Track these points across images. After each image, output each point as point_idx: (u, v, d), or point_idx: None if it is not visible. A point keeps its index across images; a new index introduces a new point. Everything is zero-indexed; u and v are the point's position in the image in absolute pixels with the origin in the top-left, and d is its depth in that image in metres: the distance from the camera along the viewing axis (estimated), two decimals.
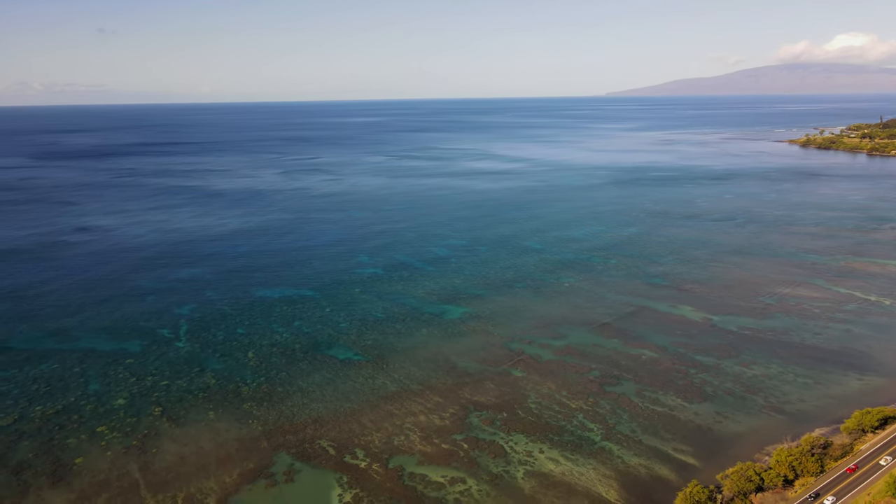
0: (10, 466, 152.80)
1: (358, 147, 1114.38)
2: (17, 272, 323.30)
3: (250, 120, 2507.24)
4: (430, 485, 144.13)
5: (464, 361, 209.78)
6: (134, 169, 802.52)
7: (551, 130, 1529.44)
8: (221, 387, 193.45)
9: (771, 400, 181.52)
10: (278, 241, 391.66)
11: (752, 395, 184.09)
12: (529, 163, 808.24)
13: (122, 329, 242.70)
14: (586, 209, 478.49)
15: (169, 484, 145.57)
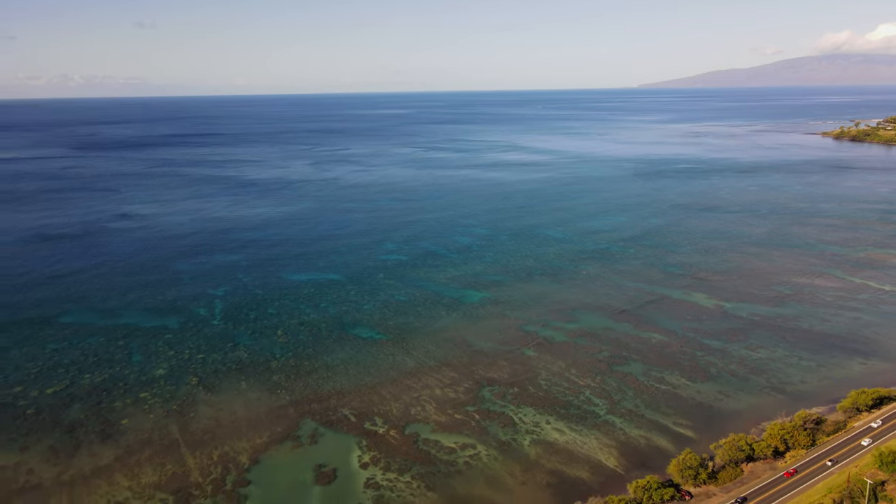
0: (64, 426, 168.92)
1: (386, 139, 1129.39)
2: (66, 256, 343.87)
3: (283, 112, 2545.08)
4: (442, 449, 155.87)
5: (480, 342, 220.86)
6: (170, 159, 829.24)
7: (579, 123, 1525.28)
8: (253, 360, 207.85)
9: (773, 381, 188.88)
10: (308, 228, 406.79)
11: (754, 377, 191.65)
12: (555, 154, 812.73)
13: (161, 308, 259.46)
14: (609, 200, 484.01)
15: (205, 443, 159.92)
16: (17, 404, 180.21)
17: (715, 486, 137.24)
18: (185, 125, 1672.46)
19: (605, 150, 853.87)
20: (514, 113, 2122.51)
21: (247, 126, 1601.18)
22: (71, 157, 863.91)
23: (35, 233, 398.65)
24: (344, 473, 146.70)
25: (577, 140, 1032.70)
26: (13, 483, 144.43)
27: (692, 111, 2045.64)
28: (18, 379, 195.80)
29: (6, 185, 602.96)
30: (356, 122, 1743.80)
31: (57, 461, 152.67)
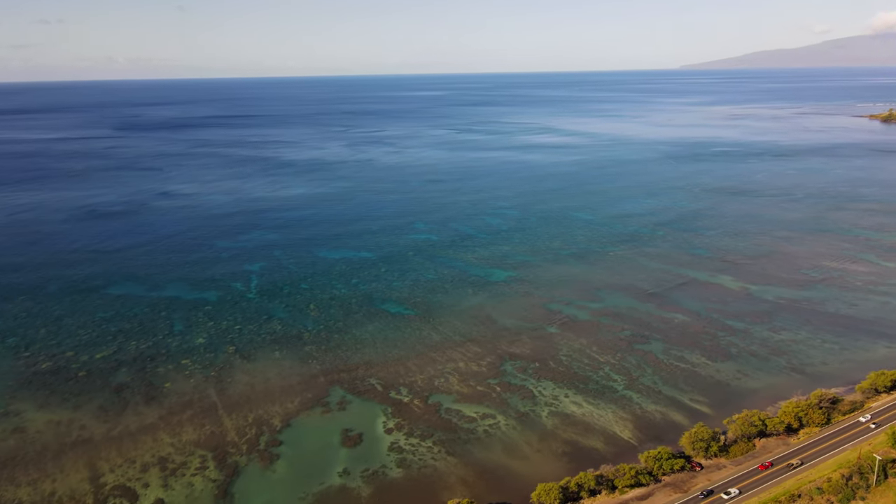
0: (111, 387, 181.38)
1: (421, 120, 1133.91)
2: (113, 231, 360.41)
3: (319, 94, 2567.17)
4: (463, 418, 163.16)
5: (504, 319, 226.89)
6: (210, 140, 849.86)
7: (615, 105, 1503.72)
8: (286, 332, 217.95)
9: (793, 362, 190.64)
10: (341, 208, 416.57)
11: (775, 357, 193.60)
12: (589, 137, 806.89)
13: (201, 282, 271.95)
14: (641, 184, 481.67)
15: (241, 406, 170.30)
16: (70, 367, 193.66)
17: (726, 459, 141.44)
18: (225, 107, 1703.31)
19: (640, 133, 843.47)
20: (551, 95, 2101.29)
21: (285, 108, 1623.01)
22: (116, 138, 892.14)
23: (84, 209, 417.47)
24: (369, 438, 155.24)
25: (612, 122, 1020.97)
26: (67, 437, 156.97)
27: (734, 93, 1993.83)
28: (71, 344, 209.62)
29: (57, 164, 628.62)
30: (393, 103, 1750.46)
31: (106, 419, 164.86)
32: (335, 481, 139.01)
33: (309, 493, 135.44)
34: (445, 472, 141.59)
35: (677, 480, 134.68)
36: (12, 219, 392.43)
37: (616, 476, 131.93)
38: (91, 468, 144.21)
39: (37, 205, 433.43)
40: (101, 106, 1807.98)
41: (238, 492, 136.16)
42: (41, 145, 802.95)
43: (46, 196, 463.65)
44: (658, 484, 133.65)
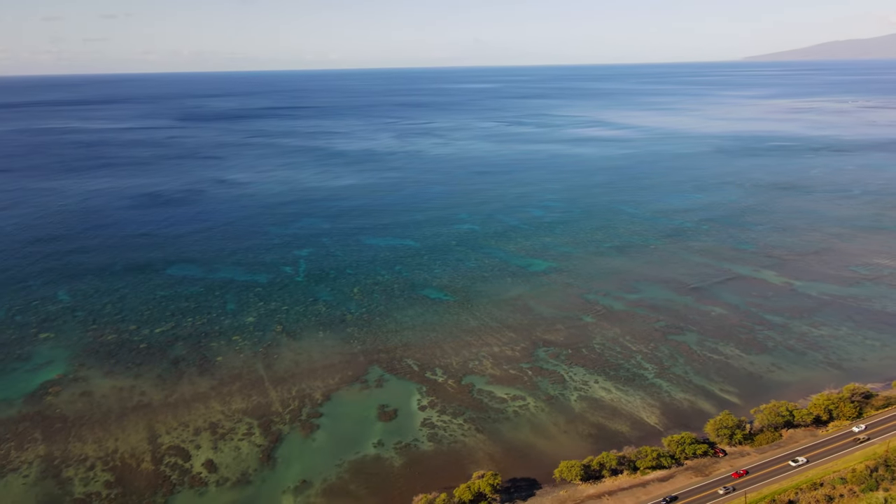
0: (169, 359, 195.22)
1: (470, 112, 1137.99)
2: (173, 217, 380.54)
3: (372, 86, 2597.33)
4: (494, 399, 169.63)
5: (540, 307, 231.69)
6: (265, 130, 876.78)
7: (670, 98, 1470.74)
8: (330, 313, 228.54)
9: (831, 357, 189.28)
10: (388, 197, 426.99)
11: (812, 352, 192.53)
12: (640, 130, 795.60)
13: (253, 264, 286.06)
14: (689, 178, 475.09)
15: (286, 380, 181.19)
16: (133, 340, 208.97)
17: (751, 447, 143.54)
18: (281, 98, 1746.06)
19: (693, 127, 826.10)
20: (604, 88, 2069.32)
21: (337, 99, 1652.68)
22: (177, 128, 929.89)
23: (148, 195, 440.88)
24: (404, 413, 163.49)
25: (666, 116, 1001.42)
26: (129, 401, 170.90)
27: (798, 85, 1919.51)
28: (133, 319, 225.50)
29: (123, 152, 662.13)
30: (442, 95, 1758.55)
31: (164, 387, 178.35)
32: (370, 451, 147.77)
33: (345, 460, 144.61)
34: (474, 448, 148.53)
35: (699, 465, 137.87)
36: (84, 204, 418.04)
37: (638, 457, 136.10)
38: (149, 430, 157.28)
39: (105, 191, 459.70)
40: (164, 97, 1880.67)
41: (280, 457, 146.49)
42: (108, 135, 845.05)
43: (114, 183, 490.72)
44: (680, 467, 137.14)
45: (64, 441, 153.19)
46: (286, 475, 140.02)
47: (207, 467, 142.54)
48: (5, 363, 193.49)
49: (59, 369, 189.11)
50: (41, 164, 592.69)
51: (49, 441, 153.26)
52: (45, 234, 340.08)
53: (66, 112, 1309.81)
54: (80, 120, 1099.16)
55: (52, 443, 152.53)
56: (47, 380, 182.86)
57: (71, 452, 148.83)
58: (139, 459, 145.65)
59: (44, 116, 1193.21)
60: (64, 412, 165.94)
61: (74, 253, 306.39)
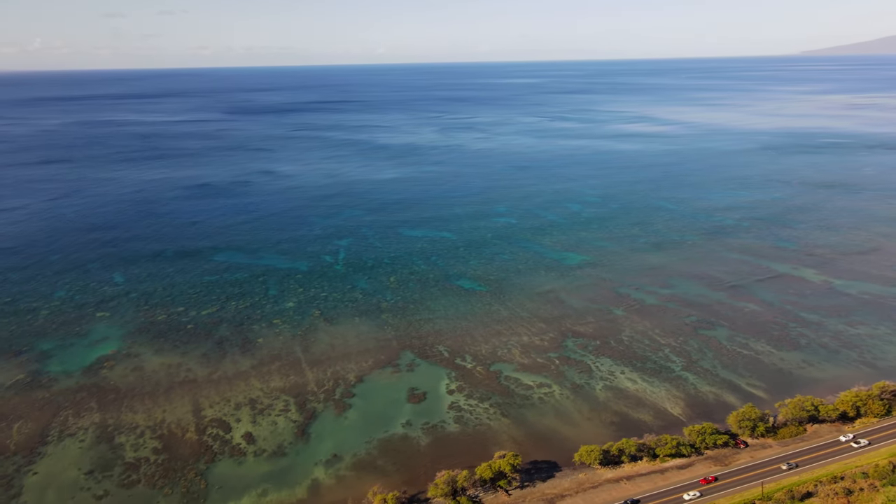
0: (214, 339, 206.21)
1: (513, 108, 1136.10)
2: (222, 206, 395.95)
3: (418, 80, 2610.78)
4: (521, 385, 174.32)
5: (572, 299, 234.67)
6: (311, 123, 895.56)
7: (720, 93, 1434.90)
8: (366, 301, 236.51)
9: (865, 356, 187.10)
10: (427, 190, 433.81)
11: (846, 350, 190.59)
12: (686, 126, 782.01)
13: (294, 252, 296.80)
14: (733, 175, 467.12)
15: (322, 362, 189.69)
16: (181, 321, 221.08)
17: (773, 440, 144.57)
18: (327, 92, 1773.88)
19: (742, 123, 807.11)
20: (652, 83, 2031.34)
21: (382, 94, 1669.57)
22: (227, 121, 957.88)
23: (198, 185, 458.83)
24: (432, 396, 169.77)
25: (714, 111, 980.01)
26: (176, 377, 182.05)
27: (857, 80, 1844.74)
28: (182, 302, 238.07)
29: (175, 144, 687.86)
30: (486, 90, 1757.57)
31: (208, 364, 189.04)
32: (398, 431, 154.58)
33: (374, 438, 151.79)
34: (498, 431, 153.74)
35: (719, 455, 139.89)
36: (138, 193, 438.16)
37: (658, 445, 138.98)
38: (194, 403, 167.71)
39: (159, 181, 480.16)
40: (216, 91, 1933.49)
41: (314, 432, 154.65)
42: (162, 127, 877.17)
43: (166, 173, 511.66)
44: (700, 456, 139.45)
45: (116, 410, 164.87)
46: (318, 449, 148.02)
47: (246, 439, 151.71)
48: (66, 339, 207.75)
49: (114, 346, 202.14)
50: (100, 154, 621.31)
51: (103, 410, 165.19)
52: (103, 222, 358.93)
53: (123, 105, 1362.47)
54: (137, 113, 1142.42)
55: (105, 412, 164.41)
56: (103, 355, 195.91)
57: (123, 421, 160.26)
58: (184, 429, 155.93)
59: (103, 109, 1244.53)
60: (117, 384, 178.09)
61: (129, 239, 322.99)
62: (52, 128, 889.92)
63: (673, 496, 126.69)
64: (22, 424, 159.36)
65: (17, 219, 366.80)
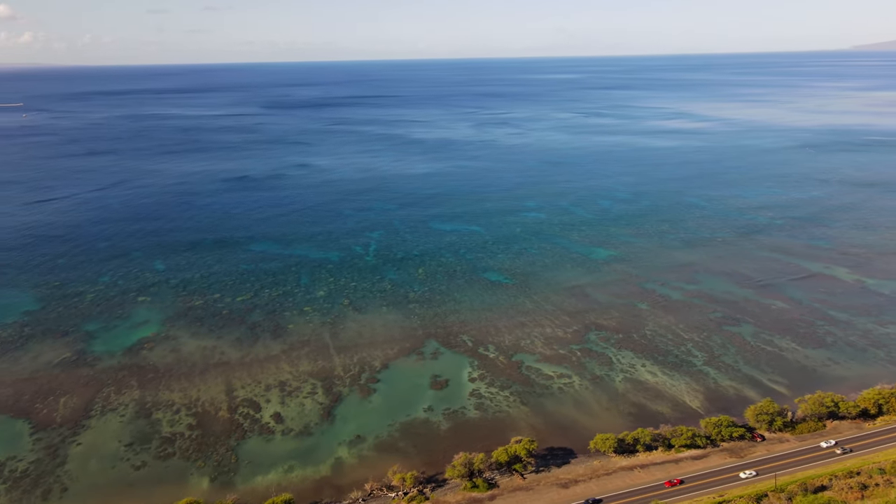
0: (248, 324, 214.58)
1: (548, 103, 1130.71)
2: (258, 197, 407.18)
3: (454, 76, 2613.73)
4: (541, 375, 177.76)
5: (597, 293, 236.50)
6: (347, 118, 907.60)
7: (763, 89, 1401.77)
8: (394, 291, 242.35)
9: (894, 355, 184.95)
10: (459, 184, 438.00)
11: (874, 349, 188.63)
12: (725, 123, 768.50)
13: (327, 243, 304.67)
14: (769, 172, 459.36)
15: (349, 349, 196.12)
16: (216, 306, 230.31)
17: (791, 434, 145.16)
18: (364, 87, 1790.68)
19: (783, 120, 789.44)
20: (693, 78, 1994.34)
21: (418, 89, 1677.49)
22: (266, 115, 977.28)
23: (236, 178, 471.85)
24: (454, 384, 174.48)
25: (755, 108, 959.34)
26: (211, 359, 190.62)
27: None
28: (218, 289, 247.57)
29: (215, 137, 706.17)
30: (522, 86, 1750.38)
31: (241, 348, 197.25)
32: (420, 415, 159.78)
33: (396, 421, 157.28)
34: (517, 418, 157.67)
35: (735, 447, 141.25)
36: (180, 185, 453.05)
37: (673, 435, 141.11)
38: (227, 384, 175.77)
39: (199, 173, 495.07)
40: (256, 86, 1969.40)
41: (339, 414, 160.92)
42: (203, 121, 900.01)
43: (206, 166, 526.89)
44: (715, 448, 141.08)
45: (155, 389, 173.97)
46: (343, 430, 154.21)
47: (275, 419, 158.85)
48: (109, 321, 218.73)
49: (154, 328, 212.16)
50: (143, 147, 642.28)
51: (142, 388, 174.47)
52: (146, 212, 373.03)
53: (166, 99, 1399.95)
54: (179, 107, 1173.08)
55: (145, 389, 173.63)
56: (143, 337, 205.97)
57: (160, 398, 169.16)
58: (217, 408, 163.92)
59: (147, 103, 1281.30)
60: (156, 364, 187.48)
61: (171, 229, 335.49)
62: (98, 121, 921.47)
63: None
64: (68, 399, 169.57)
65: (66, 208, 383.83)
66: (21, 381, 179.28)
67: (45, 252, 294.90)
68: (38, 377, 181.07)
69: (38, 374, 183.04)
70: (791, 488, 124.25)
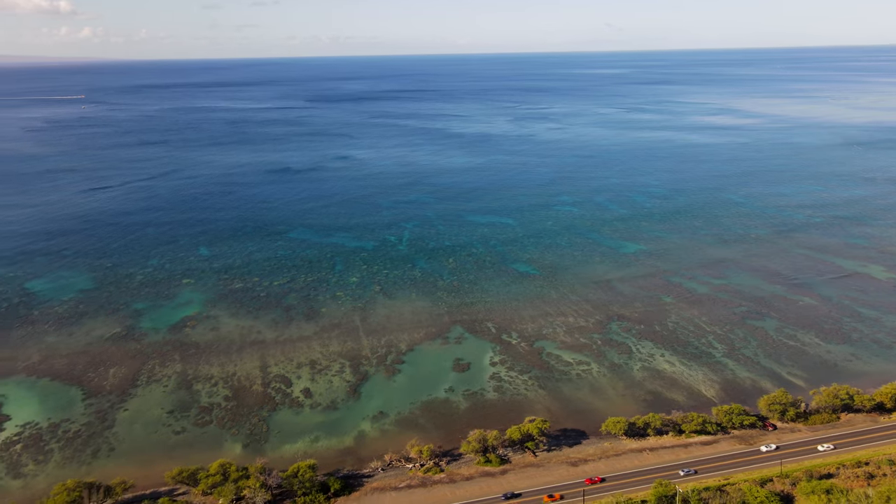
0: (283, 306, 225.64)
1: (590, 99, 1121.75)
2: (298, 187, 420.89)
3: (497, 70, 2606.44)
4: (560, 362, 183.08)
5: (622, 286, 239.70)
6: (388, 112, 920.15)
7: (816, 84, 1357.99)
8: (424, 279, 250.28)
9: None
10: (494, 177, 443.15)
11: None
12: (770, 119, 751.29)
13: (362, 233, 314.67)
14: (812, 169, 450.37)
15: (377, 332, 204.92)
16: (255, 289, 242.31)
17: (803, 425, 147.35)
18: (406, 82, 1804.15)
19: (831, 116, 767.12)
20: (741, 73, 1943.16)
21: (460, 83, 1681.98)
22: (309, 108, 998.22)
23: (278, 168, 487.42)
24: (476, 367, 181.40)
25: (805, 104, 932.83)
26: (248, 337, 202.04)
27: None
28: (257, 272, 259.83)
29: (260, 129, 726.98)
30: (565, 80, 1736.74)
31: (276, 328, 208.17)
32: (441, 395, 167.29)
33: (418, 400, 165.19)
34: (533, 401, 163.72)
35: (746, 435, 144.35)
36: (225, 175, 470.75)
37: (684, 421, 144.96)
38: (262, 360, 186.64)
39: (244, 163, 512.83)
40: (300, 80, 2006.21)
41: (364, 392, 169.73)
42: (249, 114, 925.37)
43: (251, 157, 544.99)
44: (726, 435, 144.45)
45: (195, 363, 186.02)
46: (367, 406, 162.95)
47: (304, 394, 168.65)
48: (156, 301, 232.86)
49: (196, 308, 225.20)
50: (192, 138, 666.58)
51: (184, 362, 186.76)
52: (193, 200, 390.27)
53: (215, 93, 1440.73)
54: (227, 100, 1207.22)
55: (186, 363, 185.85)
56: (186, 315, 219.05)
57: (200, 372, 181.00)
58: (251, 382, 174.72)
59: (197, 96, 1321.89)
60: (197, 341, 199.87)
61: (215, 217, 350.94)
62: (151, 113, 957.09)
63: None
64: (116, 370, 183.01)
65: (119, 196, 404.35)
66: (76, 352, 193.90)
67: (100, 236, 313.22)
68: (91, 349, 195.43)
69: (90, 346, 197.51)
70: (796, 475, 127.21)
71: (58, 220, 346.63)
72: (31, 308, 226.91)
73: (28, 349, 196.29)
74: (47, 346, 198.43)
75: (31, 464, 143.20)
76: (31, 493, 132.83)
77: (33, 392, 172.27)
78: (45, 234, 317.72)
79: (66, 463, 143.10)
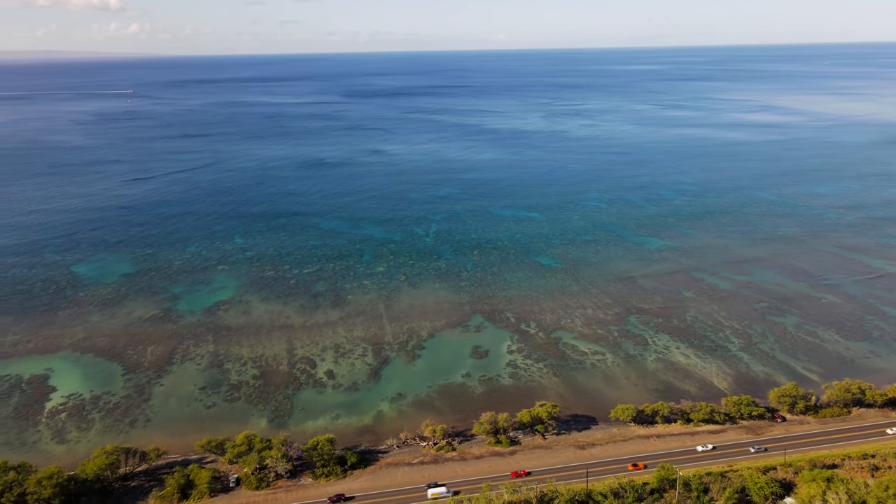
0: (311, 293, 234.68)
1: (626, 95, 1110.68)
2: (331, 180, 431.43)
3: (533, 67, 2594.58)
4: (576, 351, 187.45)
5: (644, 280, 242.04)
6: (422, 107, 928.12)
7: (862, 81, 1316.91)
8: (449, 270, 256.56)
9: None
10: (524, 173, 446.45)
11: None
12: (810, 116, 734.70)
13: (390, 224, 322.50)
14: (849, 167, 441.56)
15: (400, 319, 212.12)
16: (286, 276, 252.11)
17: (813, 418, 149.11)
18: (442, 77, 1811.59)
19: (876, 114, 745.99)
20: (783, 69, 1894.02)
21: (495, 79, 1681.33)
22: (345, 103, 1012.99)
23: (313, 161, 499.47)
24: (493, 354, 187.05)
25: (849, 101, 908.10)
26: (276, 321, 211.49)
27: None
28: (288, 261, 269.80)
29: (297, 123, 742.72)
30: (601, 77, 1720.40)
31: (304, 314, 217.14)
32: (458, 380, 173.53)
33: (436, 384, 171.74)
34: (547, 387, 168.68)
35: (754, 426, 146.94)
36: (262, 167, 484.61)
37: (692, 410, 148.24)
38: (289, 343, 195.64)
39: (280, 156, 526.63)
40: (338, 76, 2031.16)
41: (385, 375, 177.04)
42: (287, 108, 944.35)
43: (287, 150, 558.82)
44: (734, 425, 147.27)
45: (227, 344, 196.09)
46: (387, 388, 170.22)
47: (328, 375, 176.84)
48: (193, 285, 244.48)
49: (229, 293, 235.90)
50: (232, 131, 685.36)
51: (217, 342, 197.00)
52: (231, 191, 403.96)
53: (255, 87, 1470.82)
54: (266, 94, 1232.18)
55: (219, 344, 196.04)
56: (220, 300, 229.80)
57: (231, 352, 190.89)
58: (278, 363, 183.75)
59: (237, 91, 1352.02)
60: (229, 324, 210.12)
61: (251, 207, 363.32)
62: (193, 107, 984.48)
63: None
64: (154, 348, 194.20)
65: (161, 186, 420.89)
66: (117, 332, 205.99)
67: (142, 224, 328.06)
68: (131, 329, 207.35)
69: (131, 326, 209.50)
70: (800, 464, 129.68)
71: (103, 208, 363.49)
72: (77, 290, 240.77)
73: (74, 327, 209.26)
74: (91, 325, 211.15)
75: (75, 430, 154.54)
76: (74, 458, 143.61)
77: (78, 366, 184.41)
78: (90, 222, 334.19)
79: (106, 431, 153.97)
